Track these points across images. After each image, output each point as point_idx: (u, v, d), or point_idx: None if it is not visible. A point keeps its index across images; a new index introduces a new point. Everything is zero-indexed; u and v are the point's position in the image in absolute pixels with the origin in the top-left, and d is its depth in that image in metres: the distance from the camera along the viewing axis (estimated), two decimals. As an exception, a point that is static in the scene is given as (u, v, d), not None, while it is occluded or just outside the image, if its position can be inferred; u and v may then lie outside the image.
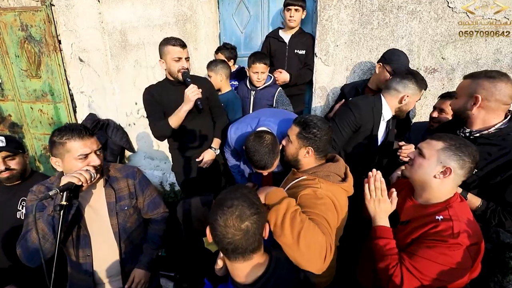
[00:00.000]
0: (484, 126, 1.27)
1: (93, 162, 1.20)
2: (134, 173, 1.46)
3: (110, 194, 1.34)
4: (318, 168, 1.20)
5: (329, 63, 2.38)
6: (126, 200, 1.39)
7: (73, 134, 1.14)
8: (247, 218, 0.79)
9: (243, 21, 2.73)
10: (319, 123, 1.21)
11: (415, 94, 1.59)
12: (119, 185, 1.39)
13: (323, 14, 2.28)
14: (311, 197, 1.07)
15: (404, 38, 2.18)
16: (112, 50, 3.01)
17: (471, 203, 1.27)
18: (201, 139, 2.03)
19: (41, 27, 3.09)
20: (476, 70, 2.11)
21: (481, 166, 1.26)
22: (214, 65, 2.26)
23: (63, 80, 3.26)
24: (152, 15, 2.74)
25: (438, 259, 0.96)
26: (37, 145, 3.69)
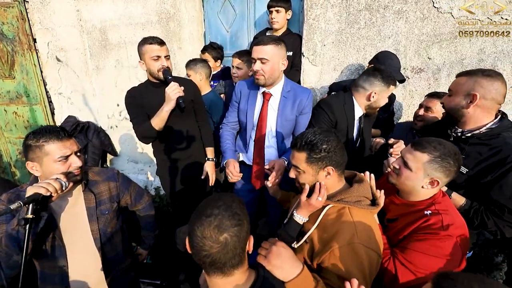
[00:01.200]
0: (476, 126, 1.26)
1: (75, 164, 1.14)
2: (115, 175, 1.41)
3: (89, 199, 1.27)
4: (346, 193, 1.03)
5: (317, 63, 2.34)
6: (107, 204, 1.33)
7: (50, 136, 1.09)
8: (226, 229, 0.72)
9: (229, 20, 2.66)
10: (323, 136, 1.03)
11: (383, 91, 1.57)
12: (99, 188, 1.33)
13: (310, 13, 2.24)
14: (348, 254, 0.91)
15: (391, 38, 2.17)
16: (91, 49, 2.87)
17: (455, 202, 1.28)
18: (186, 141, 1.95)
19: (13, 24, 2.91)
20: (461, 69, 2.13)
21: (471, 166, 1.25)
22: (193, 63, 2.18)
23: (39, 80, 3.09)
24: (134, 13, 2.63)
25: (429, 251, 0.98)
26: (12, 150, 3.48)
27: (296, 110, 1.61)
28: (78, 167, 1.16)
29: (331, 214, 1.02)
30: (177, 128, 1.88)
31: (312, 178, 1.05)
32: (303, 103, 1.61)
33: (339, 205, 1.02)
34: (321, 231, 1.01)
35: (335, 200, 1.03)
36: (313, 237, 1.02)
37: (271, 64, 1.49)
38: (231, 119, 1.81)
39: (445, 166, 1.02)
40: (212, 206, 0.75)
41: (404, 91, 2.28)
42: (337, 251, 0.92)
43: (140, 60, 1.76)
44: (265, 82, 1.55)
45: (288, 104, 1.61)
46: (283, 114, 1.61)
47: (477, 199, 1.26)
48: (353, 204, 1.01)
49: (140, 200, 1.55)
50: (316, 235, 1.01)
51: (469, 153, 1.26)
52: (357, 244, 0.91)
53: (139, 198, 1.55)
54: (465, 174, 1.26)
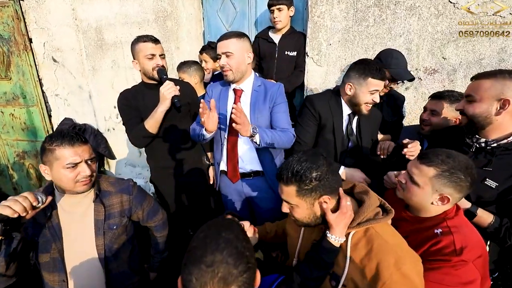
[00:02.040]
0: (503, 135, 1.12)
1: (83, 172, 1.10)
2: (130, 187, 1.34)
3: (99, 211, 1.21)
4: (362, 213, 0.91)
5: (322, 63, 2.19)
6: (116, 219, 1.26)
7: (63, 140, 1.07)
8: (234, 280, 0.58)
9: (229, 18, 2.53)
10: (310, 162, 0.89)
11: (360, 84, 1.45)
12: (110, 200, 1.26)
13: (315, 10, 2.09)
14: (402, 282, 0.80)
15: (402, 36, 2.01)
16: (87, 50, 2.77)
17: (481, 220, 1.14)
18: (182, 146, 1.83)
19: (9, 24, 2.83)
20: (479, 70, 1.96)
21: (502, 180, 1.11)
22: (187, 66, 2.07)
23: (36, 82, 3.01)
24: (130, 11, 2.52)
25: (444, 280, 0.91)
26: (9, 152, 3.42)
27: (268, 101, 1.57)
28: (86, 176, 1.11)
29: (358, 242, 0.90)
30: (173, 132, 1.76)
31: (308, 212, 0.93)
32: (274, 94, 1.58)
33: (361, 228, 0.91)
34: (358, 266, 0.86)
35: (355, 225, 0.90)
36: (352, 277, 0.87)
37: (236, 57, 1.48)
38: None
39: (454, 181, 0.93)
40: (213, 250, 0.61)
41: (417, 94, 2.12)
42: (391, 283, 0.80)
43: (134, 60, 1.67)
44: (234, 77, 1.52)
45: (260, 97, 1.58)
46: (256, 107, 1.57)
47: (509, 216, 1.12)
48: (375, 221, 0.90)
49: (153, 218, 1.44)
50: (355, 272, 0.87)
51: (498, 165, 1.12)
52: (406, 267, 0.81)
53: (152, 215, 1.44)
54: (495, 189, 1.12)
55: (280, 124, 1.55)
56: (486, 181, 1.13)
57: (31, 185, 3.50)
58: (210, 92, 1.68)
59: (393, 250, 0.83)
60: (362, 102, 1.47)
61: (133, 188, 1.35)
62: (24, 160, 3.40)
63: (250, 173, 1.65)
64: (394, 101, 1.92)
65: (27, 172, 3.46)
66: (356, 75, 1.45)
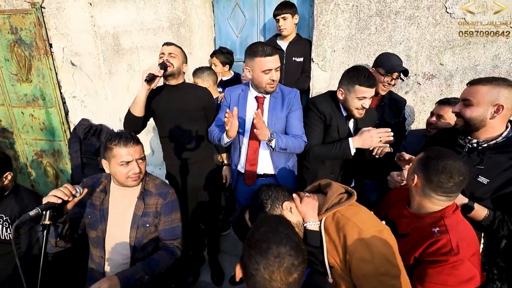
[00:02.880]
0: (492, 136, 1.24)
1: (133, 170, 1.27)
2: (167, 194, 1.43)
3: (139, 207, 1.37)
4: (326, 202, 1.09)
5: (326, 69, 2.34)
6: (150, 218, 1.38)
7: (119, 141, 1.24)
8: (295, 269, 0.69)
9: (239, 25, 2.68)
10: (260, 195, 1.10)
11: (349, 91, 1.57)
12: (150, 200, 1.39)
13: (320, 19, 2.24)
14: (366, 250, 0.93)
15: (402, 44, 2.15)
16: (104, 54, 2.94)
17: (477, 214, 1.26)
18: (195, 146, 1.97)
19: (31, 30, 3.01)
20: (475, 76, 2.10)
21: (492, 176, 1.23)
22: (200, 72, 2.21)
23: (55, 84, 3.18)
24: (146, 19, 2.68)
25: (448, 281, 0.97)
26: (28, 151, 3.60)
27: (285, 108, 1.68)
28: (135, 173, 1.28)
29: (329, 226, 1.05)
30: (188, 133, 1.91)
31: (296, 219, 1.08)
32: (291, 101, 1.69)
33: (329, 214, 1.06)
34: (333, 246, 1.00)
35: (324, 212, 1.07)
36: (332, 257, 1.01)
37: (279, 70, 1.63)
38: (220, 121, 1.84)
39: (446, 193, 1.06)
40: (277, 243, 0.70)
41: (416, 97, 2.25)
42: (358, 254, 0.93)
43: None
44: (274, 88, 1.65)
45: (277, 104, 1.69)
46: (274, 113, 1.68)
47: (501, 209, 1.24)
48: (339, 205, 1.06)
49: (168, 239, 1.42)
50: (332, 252, 1.00)
51: (488, 164, 1.24)
52: (368, 237, 0.93)
53: (169, 236, 1.42)
54: (487, 185, 1.24)
55: (293, 130, 1.66)
56: (479, 178, 1.24)
57: (48, 182, 3.68)
58: (228, 97, 1.78)
59: (355, 225, 0.96)
60: (352, 107, 1.59)
61: (169, 196, 1.43)
62: (42, 159, 3.58)
63: (263, 175, 1.76)
64: (396, 104, 2.05)
65: (44, 170, 3.64)
66: (346, 82, 1.58)
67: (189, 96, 1.88)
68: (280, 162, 1.75)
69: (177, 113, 1.86)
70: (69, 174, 3.50)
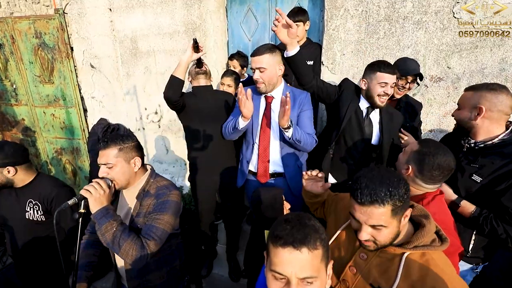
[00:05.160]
0: (488, 137, 1.33)
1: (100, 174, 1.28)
2: (163, 194, 1.31)
3: (136, 208, 1.33)
4: (421, 236, 0.89)
5: (336, 72, 2.42)
6: (140, 219, 1.32)
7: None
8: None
9: (251, 29, 2.78)
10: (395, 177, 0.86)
11: (371, 78, 1.70)
12: (146, 201, 1.32)
13: (330, 23, 2.33)
14: None
15: (410, 48, 2.22)
16: (122, 57, 3.09)
17: (464, 210, 1.34)
18: (219, 148, 2.02)
19: (54, 34, 3.18)
20: (482, 79, 2.16)
21: (485, 175, 1.31)
22: (231, 74, 2.34)
23: (75, 85, 3.35)
24: (162, 23, 2.82)
25: None
26: (49, 148, 3.79)
27: (296, 108, 1.74)
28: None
29: (412, 264, 0.87)
30: (214, 134, 1.97)
31: (396, 230, 0.87)
32: (302, 101, 1.76)
33: (417, 252, 0.88)
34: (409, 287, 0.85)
35: (412, 247, 0.88)
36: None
37: (268, 71, 1.67)
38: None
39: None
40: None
41: (423, 100, 2.32)
42: None
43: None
44: (266, 88, 1.72)
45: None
46: None
47: (489, 207, 1.32)
48: (431, 247, 0.87)
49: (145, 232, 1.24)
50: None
51: (483, 163, 1.32)
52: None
53: (142, 231, 1.25)
54: (479, 183, 1.32)
55: (305, 129, 1.72)
56: (473, 176, 1.34)
57: (66, 179, 3.86)
58: None
59: (449, 281, 0.82)
60: (374, 94, 1.69)
61: (164, 196, 1.29)
62: (62, 156, 3.76)
63: (274, 174, 1.83)
64: (412, 108, 2.08)
65: (63, 167, 3.82)
66: (368, 71, 1.72)
67: (217, 98, 1.99)
68: (290, 161, 1.82)
69: (206, 112, 1.94)
70: (87, 171, 3.67)
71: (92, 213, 1.19)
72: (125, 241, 1.17)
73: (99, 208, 1.18)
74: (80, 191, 1.19)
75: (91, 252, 1.47)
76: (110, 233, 1.17)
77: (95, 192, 1.18)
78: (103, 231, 1.17)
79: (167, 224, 1.28)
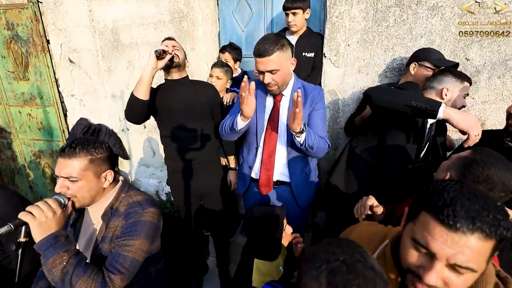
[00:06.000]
0: None
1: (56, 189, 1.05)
2: (135, 214, 1.09)
3: (102, 230, 1.12)
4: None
5: (340, 65, 2.16)
6: (106, 245, 1.10)
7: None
8: None
9: (245, 19, 2.51)
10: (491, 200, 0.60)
11: (456, 86, 1.45)
12: (114, 222, 1.11)
13: (333, 10, 2.06)
14: None
15: (424, 37, 1.96)
16: (103, 50, 2.80)
17: None
18: (200, 147, 1.81)
19: (28, 25, 2.88)
20: (505, 72, 1.91)
21: None
22: (221, 65, 2.14)
23: (52, 82, 3.06)
24: (146, 12, 2.53)
25: None
26: (26, 151, 3.49)
27: (309, 105, 1.47)
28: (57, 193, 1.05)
29: None
30: (191, 132, 1.75)
31: (476, 279, 0.62)
32: (315, 98, 1.48)
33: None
34: None
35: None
36: None
37: (281, 71, 1.36)
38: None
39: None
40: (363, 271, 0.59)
41: (437, 96, 2.06)
42: None
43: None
44: (280, 90, 1.45)
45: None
46: None
47: None
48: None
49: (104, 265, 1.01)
50: None
51: None
52: None
53: (107, 262, 1.01)
54: None
55: (317, 132, 1.44)
56: None
57: (46, 183, 3.56)
58: None
59: None
60: (458, 105, 1.47)
61: (136, 216, 1.08)
62: (40, 159, 3.46)
63: (277, 182, 1.58)
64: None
65: (43, 171, 3.52)
66: (454, 79, 1.46)
67: (194, 91, 1.73)
68: (297, 168, 1.56)
69: (180, 109, 1.70)
70: (68, 176, 3.38)
71: (36, 242, 0.92)
72: (79, 279, 0.92)
73: (45, 236, 0.91)
74: (19, 215, 0.92)
75: (45, 283, 1.19)
76: (59, 268, 0.91)
77: (39, 215, 0.91)
78: (50, 266, 0.90)
79: (138, 252, 1.04)
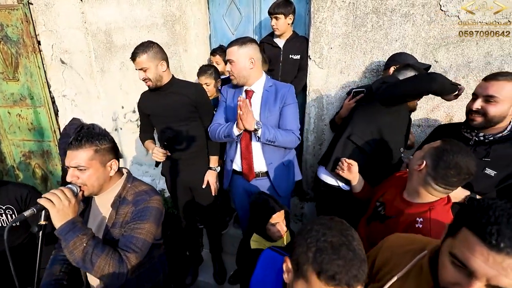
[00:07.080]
0: (498, 129, 1.27)
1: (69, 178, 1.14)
2: (143, 201, 1.18)
3: (112, 217, 1.20)
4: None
5: (323, 66, 2.34)
6: (117, 229, 1.18)
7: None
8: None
9: (234, 22, 2.65)
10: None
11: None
12: (123, 209, 1.20)
13: (317, 16, 2.24)
14: None
15: (398, 41, 2.17)
16: (96, 52, 2.86)
17: None
18: (188, 145, 1.94)
19: (18, 26, 2.90)
20: (468, 73, 2.14)
21: (500, 168, 1.25)
22: (204, 71, 2.22)
23: (43, 83, 3.08)
24: (139, 15, 2.62)
25: None
26: (15, 152, 3.47)
27: (279, 101, 1.66)
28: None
29: None
30: (176, 133, 1.87)
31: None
32: (285, 94, 1.67)
33: None
34: None
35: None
36: None
37: (237, 64, 1.62)
38: (219, 119, 1.83)
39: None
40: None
41: (411, 94, 2.28)
42: None
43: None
44: (237, 81, 1.67)
45: (270, 97, 1.68)
46: (266, 106, 1.67)
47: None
48: None
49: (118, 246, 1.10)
50: None
51: (496, 156, 1.26)
52: None
53: (120, 243, 1.11)
54: (494, 177, 1.25)
55: (286, 125, 1.64)
56: (486, 170, 1.26)
57: (36, 184, 3.56)
58: (225, 93, 1.80)
59: None
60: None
61: (144, 203, 1.18)
62: (30, 160, 3.46)
63: (258, 174, 1.74)
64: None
65: (33, 172, 3.51)
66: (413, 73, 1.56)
67: (175, 95, 1.83)
68: (274, 159, 1.71)
69: (163, 114, 1.86)
70: (59, 176, 3.39)
71: (56, 228, 1.02)
72: (98, 257, 1.02)
73: (64, 222, 1.01)
74: (38, 200, 1.02)
75: (58, 268, 1.28)
76: (80, 249, 1.01)
77: (58, 203, 1.01)
78: (71, 248, 1.01)
79: (148, 234, 1.15)
